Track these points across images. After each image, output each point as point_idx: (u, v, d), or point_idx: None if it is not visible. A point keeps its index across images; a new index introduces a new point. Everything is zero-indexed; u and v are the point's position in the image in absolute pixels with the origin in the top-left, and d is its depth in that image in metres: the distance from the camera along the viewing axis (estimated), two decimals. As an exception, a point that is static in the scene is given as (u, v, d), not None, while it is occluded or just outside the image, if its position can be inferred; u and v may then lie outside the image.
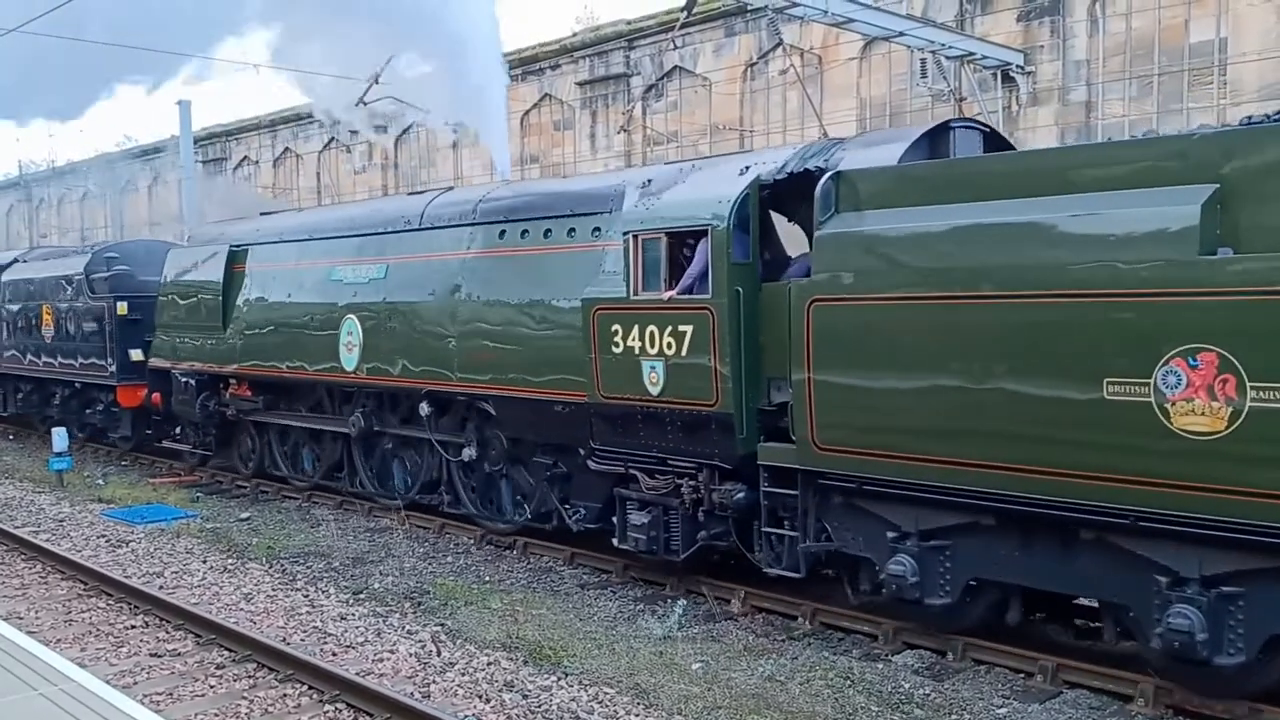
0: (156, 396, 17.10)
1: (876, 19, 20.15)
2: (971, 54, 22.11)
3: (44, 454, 17.80)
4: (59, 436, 16.44)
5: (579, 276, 10.14)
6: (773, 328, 8.68)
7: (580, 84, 31.42)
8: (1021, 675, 7.81)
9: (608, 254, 9.96)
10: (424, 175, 36.61)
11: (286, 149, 42.48)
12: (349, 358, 12.98)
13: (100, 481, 16.74)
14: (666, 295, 9.16)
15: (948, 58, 22.09)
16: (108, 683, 6.82)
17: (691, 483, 9.31)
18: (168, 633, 9.01)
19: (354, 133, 37.39)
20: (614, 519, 10.15)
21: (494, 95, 15.38)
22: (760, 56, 27.62)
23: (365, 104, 18.24)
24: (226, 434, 16.01)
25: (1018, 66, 22.65)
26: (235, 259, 15.26)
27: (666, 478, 9.52)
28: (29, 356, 20.90)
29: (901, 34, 20.77)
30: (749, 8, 21.47)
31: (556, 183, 13.51)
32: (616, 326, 9.54)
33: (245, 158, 44.40)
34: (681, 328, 9.03)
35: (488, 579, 10.74)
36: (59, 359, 19.76)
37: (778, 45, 24.55)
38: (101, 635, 8.99)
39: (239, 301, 15.07)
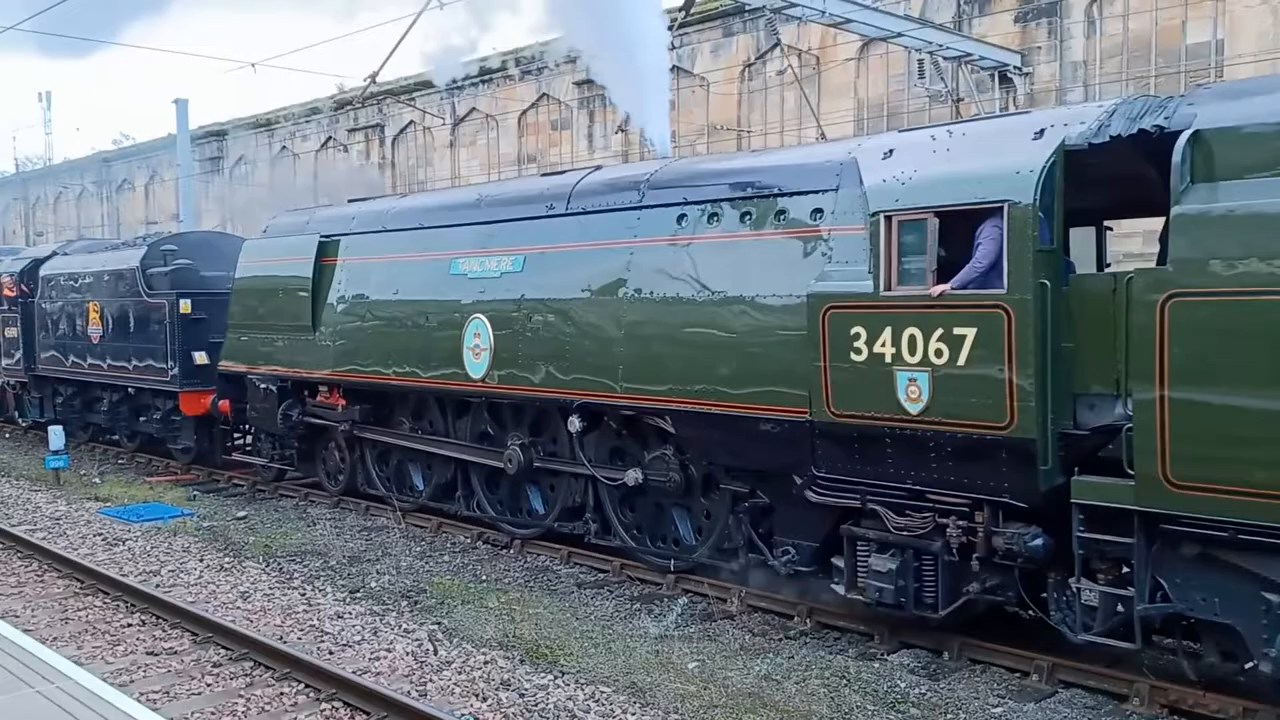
0: (225, 404, 15.47)
1: (874, 19, 20.19)
2: (969, 55, 22.18)
3: (41, 452, 17.77)
4: (55, 434, 16.39)
5: (792, 268, 8.54)
6: (1087, 330, 7.08)
7: (578, 84, 31.42)
8: (1017, 674, 7.82)
9: (834, 240, 8.31)
10: (421, 174, 36.66)
11: (284, 147, 42.47)
12: (476, 364, 11.30)
13: (97, 480, 16.71)
14: (937, 290, 7.43)
15: (945, 58, 22.16)
16: (104, 680, 6.82)
17: (961, 523, 7.66)
18: (164, 631, 9.01)
19: (350, 130, 37.36)
20: (834, 560, 8.56)
21: (658, 66, 13.97)
22: (758, 57, 27.67)
23: (361, 104, 17.87)
24: (309, 447, 14.65)
25: (1015, 67, 22.72)
26: (326, 251, 13.66)
27: (924, 515, 7.86)
28: (71, 358, 19.01)
29: (899, 35, 20.83)
30: (747, 8, 21.54)
31: (752, 156, 11.37)
32: (858, 329, 7.87)
33: (241, 157, 44.38)
34: (959, 331, 7.34)
35: (484, 578, 10.74)
36: (108, 361, 17.98)
37: (775, 45, 24.61)
38: (98, 633, 8.99)
39: (332, 299, 13.43)
